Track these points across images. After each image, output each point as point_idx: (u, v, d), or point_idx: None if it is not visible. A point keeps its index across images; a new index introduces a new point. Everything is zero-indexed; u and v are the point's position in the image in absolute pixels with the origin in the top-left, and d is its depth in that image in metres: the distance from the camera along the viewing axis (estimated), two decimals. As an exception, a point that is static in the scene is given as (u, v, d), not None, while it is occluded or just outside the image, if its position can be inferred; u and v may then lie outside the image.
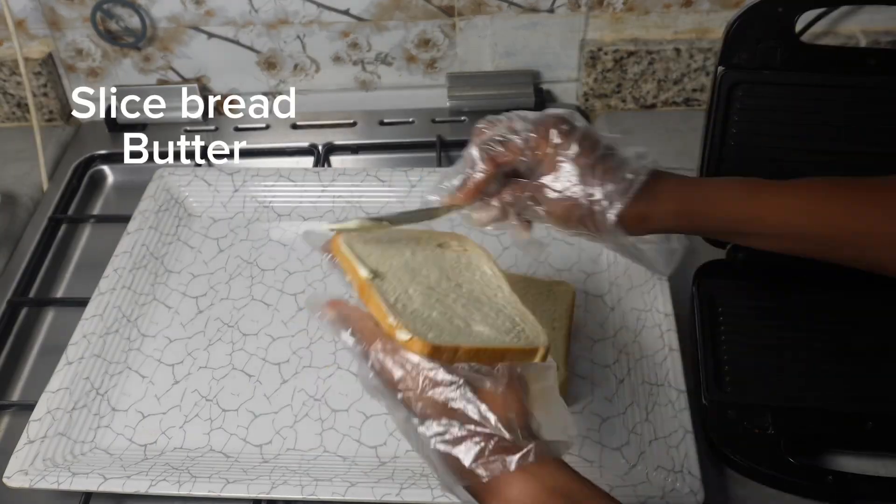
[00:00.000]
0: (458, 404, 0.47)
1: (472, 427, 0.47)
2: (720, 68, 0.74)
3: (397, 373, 0.48)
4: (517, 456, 0.46)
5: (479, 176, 0.58)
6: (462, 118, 1.03)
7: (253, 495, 0.64)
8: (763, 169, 0.77)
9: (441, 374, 0.47)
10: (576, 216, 0.58)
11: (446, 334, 0.49)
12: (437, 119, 1.03)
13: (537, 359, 0.51)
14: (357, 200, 0.88)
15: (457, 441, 0.47)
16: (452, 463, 0.47)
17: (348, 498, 0.63)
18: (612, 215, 0.57)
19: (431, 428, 0.48)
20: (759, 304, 0.75)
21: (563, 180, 0.57)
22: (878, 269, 0.60)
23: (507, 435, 0.46)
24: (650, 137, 0.98)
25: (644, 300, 0.75)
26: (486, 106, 1.02)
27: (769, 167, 0.77)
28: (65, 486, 0.65)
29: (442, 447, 0.47)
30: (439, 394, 0.47)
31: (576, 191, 0.57)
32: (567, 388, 0.70)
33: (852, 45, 0.94)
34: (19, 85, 1.03)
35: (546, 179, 0.58)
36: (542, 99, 1.03)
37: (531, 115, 0.60)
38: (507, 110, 0.99)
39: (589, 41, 0.99)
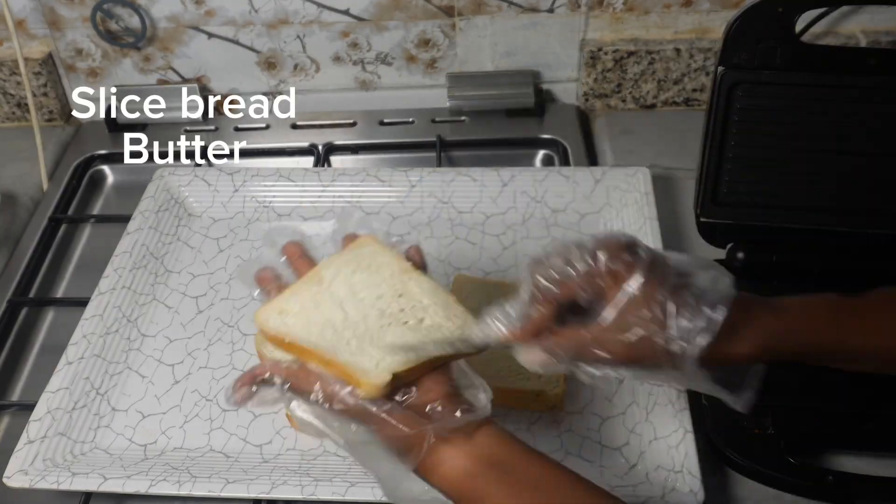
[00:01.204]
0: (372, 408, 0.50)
1: (393, 415, 0.49)
2: (720, 68, 0.74)
3: (319, 395, 0.51)
4: (425, 445, 0.48)
5: (535, 316, 0.52)
6: (462, 118, 1.03)
7: (253, 495, 0.64)
8: (763, 169, 0.77)
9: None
10: (647, 357, 0.51)
11: (398, 357, 0.51)
12: (437, 119, 1.03)
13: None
14: (357, 200, 0.88)
15: (385, 424, 0.49)
16: (386, 445, 0.50)
17: (348, 498, 0.63)
18: (692, 356, 0.50)
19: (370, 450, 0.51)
20: (759, 304, 0.75)
21: (630, 320, 0.50)
22: None
23: (404, 430, 0.48)
24: (650, 137, 0.99)
25: (644, 300, 0.75)
26: (486, 106, 1.02)
27: (769, 167, 0.78)
28: (65, 486, 0.65)
29: (373, 431, 0.50)
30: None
31: (644, 331, 0.50)
32: (564, 400, 0.70)
33: (852, 45, 0.94)
34: (19, 85, 1.03)
35: (608, 319, 0.50)
36: (542, 99, 1.03)
37: (590, 242, 0.52)
38: (508, 111, 1.02)
39: (589, 41, 0.99)
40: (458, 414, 0.49)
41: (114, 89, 1.04)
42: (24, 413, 0.72)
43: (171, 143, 1.01)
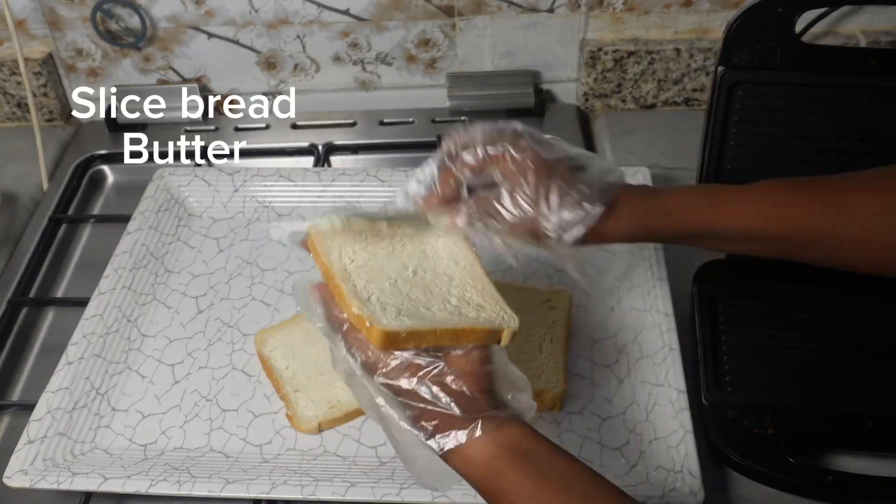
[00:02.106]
0: (409, 386, 0.50)
1: (423, 406, 0.50)
2: (720, 68, 0.74)
3: (360, 357, 0.52)
4: (467, 430, 0.49)
5: (439, 190, 0.59)
6: (462, 118, 1.03)
7: (253, 495, 0.64)
8: (763, 169, 0.77)
9: (392, 360, 0.51)
10: (530, 235, 0.58)
11: (407, 320, 0.52)
12: (437, 119, 1.03)
13: (504, 341, 0.54)
14: (357, 200, 0.88)
15: (414, 420, 0.50)
16: (411, 435, 0.51)
17: (348, 498, 0.63)
18: (568, 240, 0.57)
19: (392, 408, 0.51)
20: (759, 304, 0.75)
21: (520, 202, 0.57)
22: (841, 267, 0.61)
23: (457, 412, 0.49)
24: (650, 137, 0.99)
25: (644, 300, 0.75)
26: (487, 106, 1.02)
27: (769, 167, 0.77)
28: (65, 486, 0.65)
29: (404, 425, 0.51)
30: (393, 377, 0.51)
31: (531, 213, 0.57)
32: (564, 399, 0.70)
33: (852, 45, 0.94)
34: (19, 85, 1.03)
35: (504, 199, 0.58)
36: (542, 99, 1.03)
37: (491, 127, 0.59)
38: (508, 111, 1.02)
39: (589, 41, 0.99)
40: (508, 402, 0.51)
41: (114, 89, 1.04)
42: (24, 413, 0.72)
43: (171, 143, 1.01)
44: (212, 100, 1.06)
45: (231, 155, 1.01)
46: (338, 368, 0.55)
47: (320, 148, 1.00)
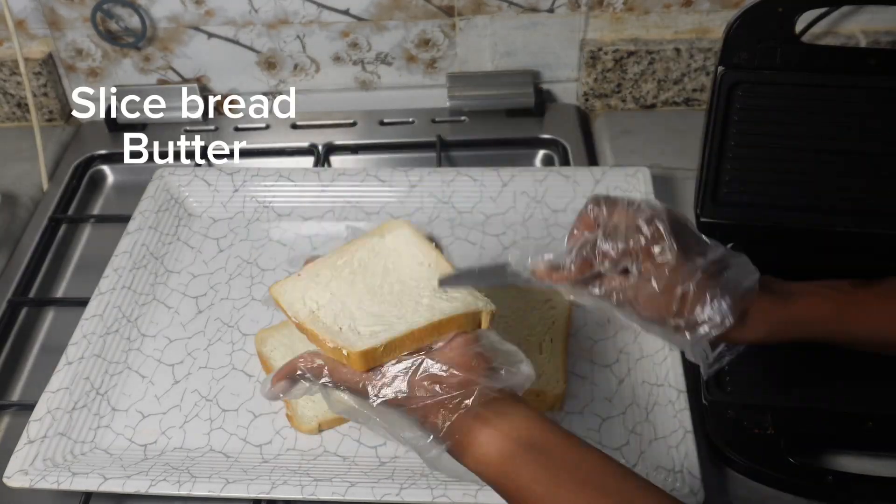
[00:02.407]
0: (403, 393, 0.51)
1: (422, 405, 0.50)
2: (720, 68, 0.74)
3: (354, 387, 0.53)
4: (462, 409, 0.49)
5: (576, 269, 0.57)
6: (462, 118, 1.03)
7: (253, 495, 0.64)
8: (763, 169, 0.78)
9: (379, 378, 0.52)
10: (661, 324, 0.56)
11: (381, 334, 0.53)
12: (437, 119, 1.03)
13: (484, 324, 0.55)
14: (357, 200, 0.88)
15: (422, 424, 0.50)
16: (422, 439, 0.51)
17: (348, 498, 0.63)
18: (698, 339, 0.56)
19: (399, 424, 0.52)
20: (759, 304, 0.75)
21: (650, 299, 0.55)
22: None
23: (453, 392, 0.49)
24: (650, 137, 0.99)
25: (644, 300, 0.75)
26: (486, 106, 1.02)
27: (769, 167, 0.78)
28: (65, 486, 0.65)
29: (408, 435, 0.51)
30: (386, 393, 0.51)
31: (665, 307, 0.55)
32: (564, 400, 0.70)
33: (852, 45, 0.94)
34: (19, 85, 1.03)
35: (638, 284, 0.56)
36: (542, 99, 1.03)
37: (634, 209, 0.57)
38: (508, 111, 1.02)
39: (589, 41, 0.99)
40: (502, 373, 0.51)
41: (114, 89, 1.04)
42: (24, 413, 0.72)
43: (171, 143, 1.01)
44: (212, 100, 1.06)
45: (231, 155, 1.01)
46: (337, 410, 0.55)
47: (320, 148, 1.00)
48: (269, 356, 0.73)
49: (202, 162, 0.98)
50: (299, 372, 0.55)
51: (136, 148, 1.01)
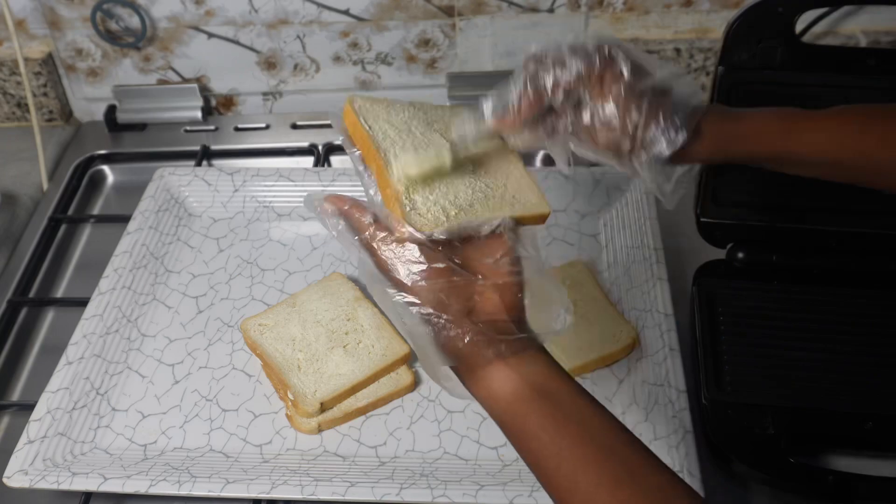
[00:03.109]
0: (448, 295, 0.49)
1: (455, 318, 0.48)
2: (720, 68, 0.74)
3: (393, 261, 0.50)
4: (492, 349, 0.48)
5: (525, 107, 0.57)
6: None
7: (253, 495, 0.64)
8: (762, 169, 0.77)
9: (421, 260, 0.50)
10: (615, 151, 0.58)
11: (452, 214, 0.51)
12: (437, 119, 1.03)
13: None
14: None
15: (443, 328, 0.48)
16: (438, 346, 0.49)
17: (348, 498, 0.63)
18: (653, 159, 0.57)
19: (421, 312, 0.49)
20: (759, 304, 0.75)
21: (605, 122, 0.56)
22: None
23: (486, 333, 0.48)
24: (650, 137, 0.98)
25: (644, 300, 0.75)
26: (486, 106, 1.02)
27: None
28: (65, 486, 0.65)
29: (429, 331, 0.49)
30: (432, 282, 0.49)
31: (618, 132, 0.57)
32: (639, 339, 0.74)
33: (852, 45, 0.94)
34: (19, 85, 1.03)
35: (592, 117, 0.57)
36: (542, 99, 1.03)
37: (577, 46, 0.57)
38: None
39: (589, 41, 0.99)
40: (553, 328, 0.50)
41: (114, 89, 1.04)
42: (24, 413, 0.72)
43: (171, 143, 1.01)
44: (212, 100, 1.06)
45: (231, 155, 1.01)
46: (363, 273, 0.53)
47: (320, 148, 1.00)
48: (260, 341, 0.74)
49: (202, 162, 0.98)
50: (335, 220, 0.54)
51: (136, 148, 1.01)
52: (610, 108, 0.56)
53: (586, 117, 0.57)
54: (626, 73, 0.56)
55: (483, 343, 0.48)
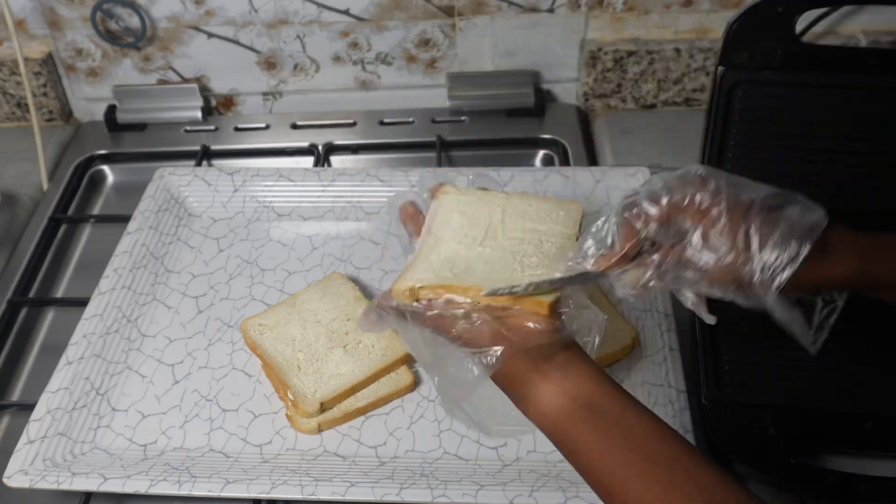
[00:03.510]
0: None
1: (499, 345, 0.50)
2: (720, 68, 0.74)
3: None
4: (535, 370, 0.50)
5: (619, 247, 0.53)
6: (462, 118, 1.03)
7: (253, 495, 0.64)
8: (763, 169, 0.77)
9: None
10: (730, 282, 0.52)
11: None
12: (437, 119, 1.03)
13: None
14: (357, 200, 0.88)
15: (491, 361, 0.50)
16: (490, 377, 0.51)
17: (348, 498, 0.63)
18: (776, 285, 0.50)
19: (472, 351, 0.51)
20: (759, 304, 0.75)
21: (715, 244, 0.51)
22: None
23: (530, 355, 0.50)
24: (650, 137, 0.99)
25: (644, 300, 0.75)
26: (486, 106, 1.02)
27: (769, 167, 0.77)
28: (65, 486, 0.65)
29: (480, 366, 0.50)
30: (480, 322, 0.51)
31: (730, 256, 0.51)
32: (639, 340, 0.73)
33: (852, 45, 0.94)
34: (19, 85, 1.03)
35: (697, 245, 0.52)
36: (542, 99, 1.03)
37: (672, 175, 0.53)
38: (508, 111, 1.02)
39: (589, 41, 0.99)
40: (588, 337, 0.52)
41: (114, 89, 1.04)
42: (24, 413, 0.72)
43: (171, 143, 1.01)
44: (212, 100, 1.06)
45: (231, 155, 1.01)
46: (408, 346, 0.55)
47: (320, 148, 1.00)
48: (260, 341, 0.74)
49: (202, 162, 0.98)
50: (393, 304, 0.54)
51: (136, 148, 1.01)
52: (715, 228, 0.51)
53: (691, 251, 0.51)
54: (725, 188, 0.51)
55: (527, 365, 0.50)
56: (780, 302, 0.51)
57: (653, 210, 0.52)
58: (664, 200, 0.52)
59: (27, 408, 0.71)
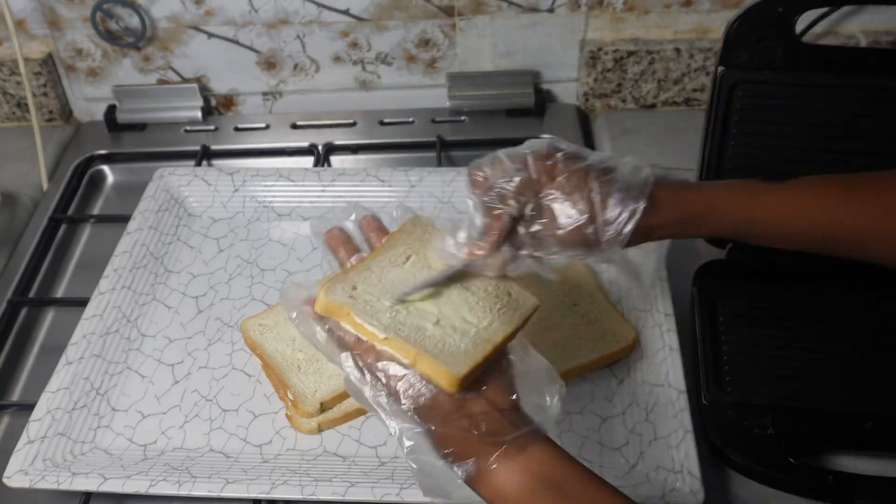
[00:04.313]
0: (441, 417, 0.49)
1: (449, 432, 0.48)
2: (720, 68, 0.74)
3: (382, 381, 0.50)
4: (490, 458, 0.48)
5: (492, 233, 0.56)
6: (462, 118, 1.03)
7: (253, 495, 0.64)
8: (763, 169, 0.77)
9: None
10: (582, 243, 0.57)
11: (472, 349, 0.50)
12: (437, 119, 1.03)
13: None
14: (357, 200, 0.88)
15: (440, 443, 0.49)
16: (441, 456, 0.49)
17: (348, 498, 0.63)
18: (622, 240, 0.56)
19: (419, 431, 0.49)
20: (759, 304, 0.75)
21: (564, 215, 0.56)
22: (880, 263, 0.62)
23: (475, 436, 0.48)
24: (650, 137, 0.99)
25: (644, 300, 0.75)
26: (486, 106, 1.02)
27: (769, 167, 0.77)
28: (65, 486, 0.65)
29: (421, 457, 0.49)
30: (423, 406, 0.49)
31: (579, 219, 0.56)
32: (639, 340, 0.73)
33: (852, 45, 0.94)
34: (19, 85, 1.03)
35: (551, 214, 0.57)
36: (542, 99, 1.03)
37: (514, 152, 0.58)
38: (508, 111, 1.02)
39: (589, 41, 0.99)
40: (533, 420, 0.49)
41: (114, 89, 1.04)
42: (24, 413, 0.72)
43: (171, 143, 1.01)
44: (212, 100, 1.06)
45: (231, 155, 1.01)
46: (351, 393, 0.53)
47: (320, 148, 1.00)
48: (260, 341, 0.74)
49: (202, 162, 0.98)
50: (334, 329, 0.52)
51: (136, 148, 1.01)
52: (562, 199, 0.56)
53: (546, 222, 0.57)
54: (564, 161, 0.56)
55: (484, 447, 0.48)
56: (622, 253, 0.58)
57: (507, 188, 0.56)
58: (516, 179, 0.56)
59: (27, 408, 0.71)
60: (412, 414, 0.49)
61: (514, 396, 0.50)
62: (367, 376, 0.51)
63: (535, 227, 0.57)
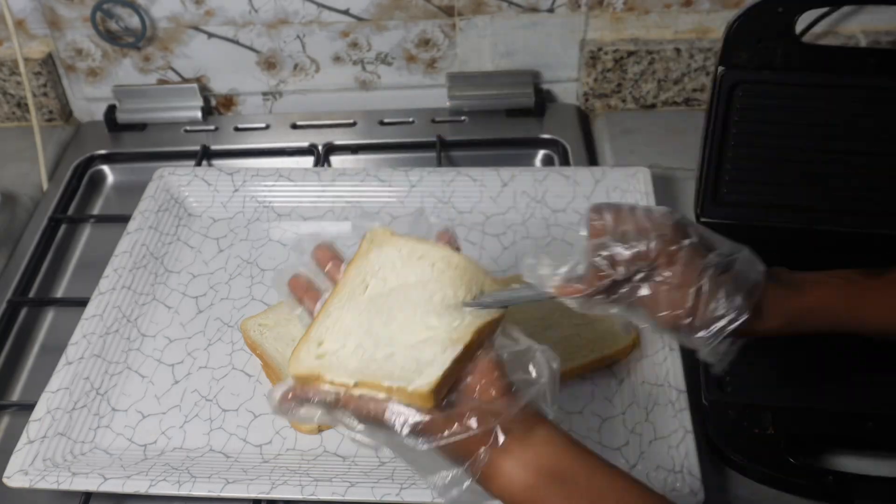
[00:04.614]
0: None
1: (447, 436, 0.48)
2: (720, 68, 0.74)
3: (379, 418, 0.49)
4: (488, 445, 0.47)
5: (592, 287, 0.57)
6: (462, 118, 1.03)
7: (253, 495, 0.64)
8: (763, 169, 0.78)
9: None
10: (673, 328, 0.57)
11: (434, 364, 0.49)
12: (437, 119, 1.03)
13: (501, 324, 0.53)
14: (357, 200, 0.88)
15: (446, 453, 0.49)
16: (446, 459, 0.49)
17: (348, 498, 0.63)
18: (717, 341, 0.56)
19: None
20: (759, 304, 0.75)
21: (667, 302, 0.56)
22: None
23: (474, 428, 0.48)
24: (650, 137, 0.99)
25: (644, 300, 0.75)
26: (486, 106, 1.02)
27: (769, 167, 0.78)
28: (65, 486, 0.65)
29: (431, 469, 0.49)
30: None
31: (679, 312, 0.56)
32: (638, 339, 0.73)
33: (852, 45, 0.94)
34: (19, 85, 1.03)
35: (653, 293, 0.56)
36: (542, 99, 1.03)
37: (640, 219, 0.57)
38: (508, 111, 1.02)
39: (589, 41, 0.99)
40: (522, 393, 0.49)
41: (114, 89, 1.04)
42: (24, 413, 0.72)
43: (171, 143, 1.01)
44: (212, 100, 1.06)
45: (231, 155, 1.01)
46: (351, 437, 0.52)
47: (320, 148, 1.00)
48: (260, 341, 0.74)
49: (202, 162, 0.98)
50: (314, 398, 0.50)
51: (136, 148, 1.01)
52: (669, 288, 0.56)
53: (647, 294, 0.56)
54: (687, 248, 0.56)
55: (481, 440, 0.48)
56: (706, 344, 0.56)
57: (622, 255, 0.56)
58: (633, 250, 0.56)
59: (27, 408, 0.71)
60: (421, 442, 0.48)
61: (503, 380, 0.49)
62: (361, 425, 0.50)
63: (636, 297, 0.57)
